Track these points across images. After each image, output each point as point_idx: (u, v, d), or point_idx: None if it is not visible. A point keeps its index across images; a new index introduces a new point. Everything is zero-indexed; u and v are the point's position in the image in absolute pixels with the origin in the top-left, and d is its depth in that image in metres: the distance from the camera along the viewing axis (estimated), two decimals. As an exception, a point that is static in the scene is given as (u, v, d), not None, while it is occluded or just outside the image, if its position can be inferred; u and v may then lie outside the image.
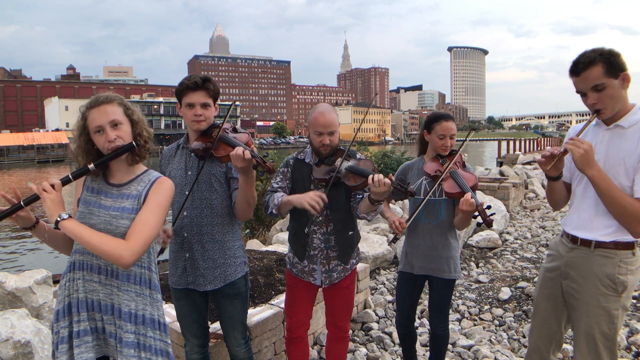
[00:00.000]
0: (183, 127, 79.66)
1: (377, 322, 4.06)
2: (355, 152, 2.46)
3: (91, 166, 1.70)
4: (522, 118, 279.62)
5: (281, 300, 3.24)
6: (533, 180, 12.51)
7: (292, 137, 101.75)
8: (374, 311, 4.19)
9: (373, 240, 5.57)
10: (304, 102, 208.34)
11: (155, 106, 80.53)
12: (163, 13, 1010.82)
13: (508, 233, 7.55)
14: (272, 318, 3.11)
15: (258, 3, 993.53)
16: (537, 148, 34.00)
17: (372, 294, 4.63)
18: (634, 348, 3.50)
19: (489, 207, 2.38)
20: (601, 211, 1.94)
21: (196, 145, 2.23)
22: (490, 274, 5.35)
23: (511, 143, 31.96)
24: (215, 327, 2.79)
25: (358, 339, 3.78)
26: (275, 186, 2.49)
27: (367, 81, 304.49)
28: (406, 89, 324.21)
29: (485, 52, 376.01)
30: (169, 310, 2.79)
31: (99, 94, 1.78)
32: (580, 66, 1.88)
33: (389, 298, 4.54)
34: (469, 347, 3.56)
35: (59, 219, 1.58)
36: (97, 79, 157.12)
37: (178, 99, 2.29)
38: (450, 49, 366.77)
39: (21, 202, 1.62)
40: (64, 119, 73.25)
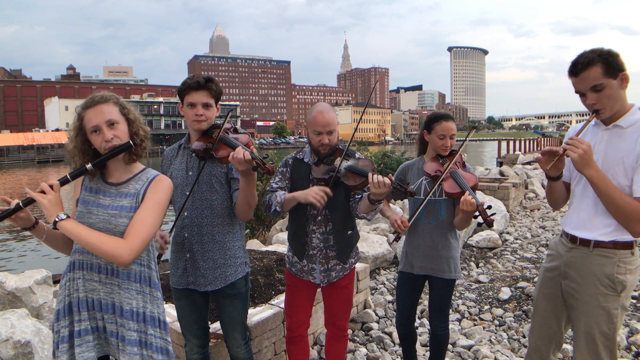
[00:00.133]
0: (183, 127, 79.76)
1: (377, 322, 4.06)
2: (354, 152, 2.45)
3: (89, 166, 1.71)
4: (522, 118, 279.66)
5: (281, 300, 3.24)
6: (533, 180, 12.51)
7: (292, 137, 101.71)
8: (374, 311, 4.19)
9: (373, 240, 5.57)
10: (304, 102, 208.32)
11: (155, 106, 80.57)
12: (163, 13, 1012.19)
13: (508, 233, 7.55)
14: (272, 318, 3.11)
15: (258, 3, 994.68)
16: (537, 148, 34.00)
17: (372, 294, 4.63)
18: (634, 348, 3.50)
19: (490, 207, 2.37)
20: (600, 211, 1.95)
21: (197, 145, 2.23)
22: (490, 274, 5.35)
23: (511, 143, 31.96)
24: (215, 327, 2.79)
25: (358, 339, 3.78)
26: (274, 186, 2.49)
27: (367, 81, 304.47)
28: (406, 89, 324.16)
29: (485, 52, 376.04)
30: (169, 310, 2.79)
31: (95, 94, 1.78)
32: (579, 67, 1.88)
33: (389, 298, 4.54)
34: (469, 347, 3.56)
35: (57, 219, 1.59)
36: (97, 79, 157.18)
37: (180, 98, 2.28)
38: (450, 49, 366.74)
39: (20, 203, 1.62)
40: (64, 119, 73.27)
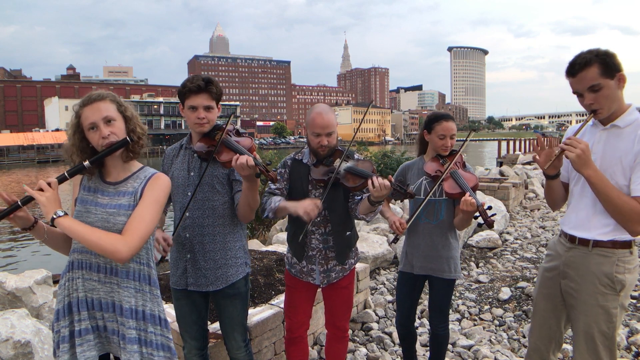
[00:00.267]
0: (183, 127, 79.76)
1: (377, 322, 4.06)
2: (353, 153, 2.44)
3: (86, 163, 1.71)
4: (522, 118, 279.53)
5: (281, 300, 3.24)
6: (533, 180, 12.51)
7: (292, 137, 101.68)
8: (374, 311, 4.19)
9: (373, 240, 5.57)
10: (304, 102, 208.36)
11: (155, 106, 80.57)
12: (163, 13, 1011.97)
13: (508, 233, 7.55)
14: (272, 318, 3.11)
15: (258, 3, 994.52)
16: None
17: (372, 294, 4.63)
18: (634, 348, 3.50)
19: (490, 208, 2.37)
20: (599, 210, 1.96)
21: (199, 147, 2.23)
22: (490, 274, 5.35)
23: (511, 143, 31.97)
24: (214, 327, 2.78)
25: (358, 339, 3.78)
26: (272, 187, 2.49)
27: (367, 81, 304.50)
28: (406, 89, 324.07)
29: (485, 52, 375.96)
30: (169, 310, 2.78)
31: (92, 92, 1.80)
32: (576, 67, 1.90)
33: (389, 298, 4.54)
34: (469, 347, 3.56)
35: (55, 216, 1.59)
36: (97, 79, 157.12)
37: (180, 101, 2.28)
38: (450, 49, 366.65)
39: (18, 202, 1.63)
40: (64, 119, 73.20)
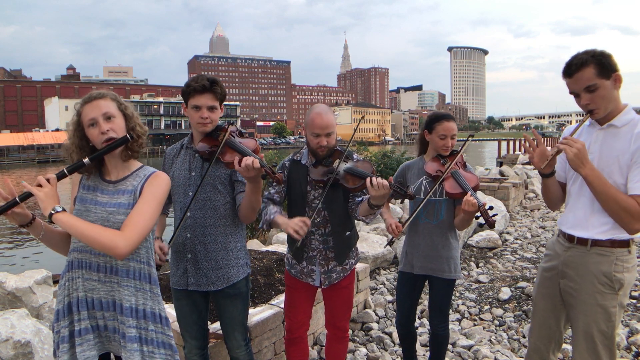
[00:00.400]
0: (183, 127, 79.75)
1: (377, 322, 4.06)
2: (352, 153, 2.44)
3: (86, 160, 1.71)
4: (522, 118, 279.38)
5: (281, 300, 3.24)
6: (533, 180, 12.51)
7: (292, 137, 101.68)
8: (374, 311, 4.19)
9: (373, 240, 5.57)
10: (304, 102, 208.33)
11: (155, 106, 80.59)
12: (163, 13, 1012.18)
13: (508, 233, 7.56)
14: (272, 318, 3.11)
15: (258, 3, 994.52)
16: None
17: (372, 294, 4.63)
18: (634, 348, 3.50)
19: (491, 208, 2.37)
20: (597, 209, 1.97)
21: (201, 147, 2.22)
22: (490, 274, 5.35)
23: (511, 143, 31.96)
24: (215, 327, 2.79)
25: (358, 339, 3.78)
26: (272, 191, 2.49)
27: (367, 81, 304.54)
28: (406, 89, 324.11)
29: (485, 52, 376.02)
30: (169, 310, 2.78)
31: (93, 91, 1.81)
32: (572, 68, 1.92)
33: (389, 298, 4.54)
34: (469, 347, 3.56)
35: (53, 212, 1.58)
36: (97, 79, 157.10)
37: (184, 100, 2.27)
38: (450, 49, 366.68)
39: (16, 198, 1.62)
40: (64, 119, 73.18)
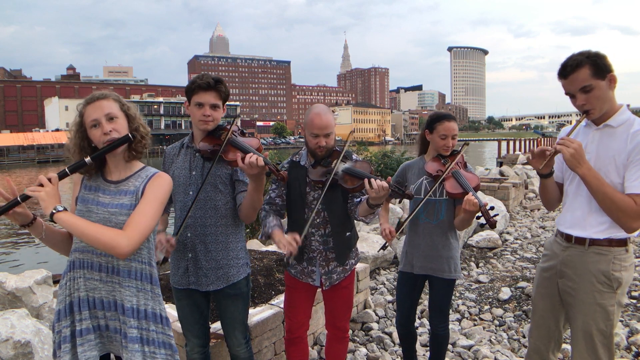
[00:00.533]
0: (183, 127, 79.74)
1: (377, 322, 4.06)
2: (351, 153, 2.44)
3: (88, 159, 1.70)
4: (522, 118, 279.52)
5: (281, 300, 3.24)
6: (533, 180, 12.51)
7: (292, 137, 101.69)
8: (374, 311, 4.19)
9: (373, 240, 5.57)
10: (304, 102, 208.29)
11: (155, 106, 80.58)
12: (163, 13, 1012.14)
13: (508, 233, 7.56)
14: (272, 318, 3.11)
15: (258, 3, 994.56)
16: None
17: (372, 294, 4.63)
18: (634, 348, 3.50)
19: (493, 208, 2.37)
20: (594, 208, 1.99)
21: (203, 146, 2.21)
22: (490, 274, 5.35)
23: (511, 143, 31.99)
24: (215, 327, 2.79)
25: (358, 339, 3.78)
26: (272, 195, 2.48)
27: (367, 81, 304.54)
28: (406, 89, 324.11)
29: (485, 52, 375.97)
30: (170, 310, 2.79)
31: (95, 92, 1.81)
32: (568, 69, 1.94)
33: (389, 298, 4.54)
34: (469, 347, 3.56)
35: (54, 211, 1.58)
36: (97, 79, 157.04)
37: (187, 97, 2.27)
38: (450, 49, 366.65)
39: (18, 198, 1.62)
40: (64, 119, 73.23)
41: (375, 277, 5.20)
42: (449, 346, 3.49)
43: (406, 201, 6.43)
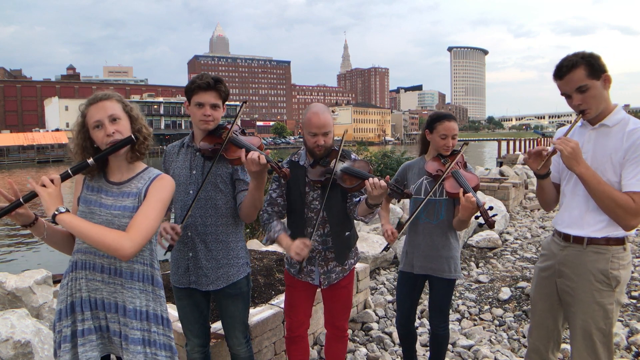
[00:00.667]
0: (183, 127, 79.72)
1: (377, 322, 4.06)
2: (349, 153, 2.44)
3: (90, 160, 1.70)
4: (522, 118, 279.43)
5: (281, 300, 3.24)
6: (533, 180, 12.51)
7: (292, 137, 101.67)
8: (374, 311, 4.19)
9: (373, 240, 5.57)
10: (304, 102, 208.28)
11: (155, 106, 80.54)
12: (163, 13, 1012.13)
13: (508, 233, 7.55)
14: (272, 318, 3.11)
15: (258, 3, 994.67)
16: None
17: (372, 294, 4.63)
18: (634, 348, 3.50)
19: (491, 208, 2.37)
20: (591, 207, 2.00)
21: (203, 145, 2.21)
22: (490, 274, 5.35)
23: (511, 143, 32.01)
24: (215, 327, 2.79)
25: (358, 339, 3.78)
26: (273, 195, 2.48)
27: (367, 81, 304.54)
28: (406, 89, 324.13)
29: (485, 52, 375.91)
30: (170, 310, 2.79)
31: (98, 92, 1.80)
32: (563, 69, 1.96)
33: (389, 298, 4.54)
34: (469, 347, 3.56)
35: (57, 213, 1.58)
36: (97, 79, 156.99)
37: (187, 97, 2.27)
38: (450, 49, 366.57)
39: (20, 199, 1.62)
40: (64, 119, 73.22)
41: (375, 277, 5.20)
42: (449, 346, 3.49)
43: (406, 201, 6.43)
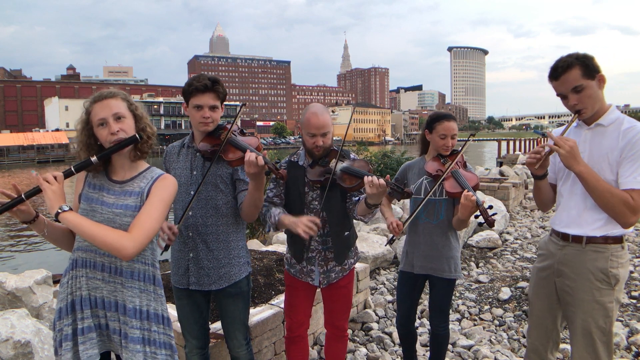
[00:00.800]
0: (183, 127, 79.73)
1: (377, 322, 4.06)
2: (349, 152, 2.43)
3: (94, 158, 1.69)
4: (522, 118, 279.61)
5: (281, 300, 3.24)
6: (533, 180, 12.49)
7: (292, 137, 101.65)
8: (374, 311, 4.19)
9: (373, 240, 5.57)
10: (304, 102, 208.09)
11: (155, 106, 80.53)
12: (163, 13, 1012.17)
13: (508, 233, 7.55)
14: (272, 318, 3.11)
15: (258, 3, 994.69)
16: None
17: (372, 294, 4.63)
18: (634, 348, 3.50)
19: (491, 207, 2.38)
20: (589, 205, 2.02)
21: (203, 146, 2.21)
22: (490, 274, 5.35)
23: (511, 143, 32.01)
24: (215, 327, 2.79)
25: (358, 339, 3.78)
26: (270, 195, 2.48)
27: (367, 81, 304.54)
28: (406, 89, 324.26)
29: (485, 52, 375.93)
30: (170, 310, 2.78)
31: (104, 90, 1.78)
32: (559, 70, 1.98)
33: (389, 298, 4.54)
34: (469, 347, 3.56)
35: (60, 211, 1.57)
36: (97, 79, 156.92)
37: (185, 99, 2.27)
38: (450, 49, 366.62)
39: (22, 195, 1.62)
40: (64, 119, 73.21)
41: (375, 277, 5.20)
42: (449, 346, 3.49)
43: (406, 201, 6.42)
